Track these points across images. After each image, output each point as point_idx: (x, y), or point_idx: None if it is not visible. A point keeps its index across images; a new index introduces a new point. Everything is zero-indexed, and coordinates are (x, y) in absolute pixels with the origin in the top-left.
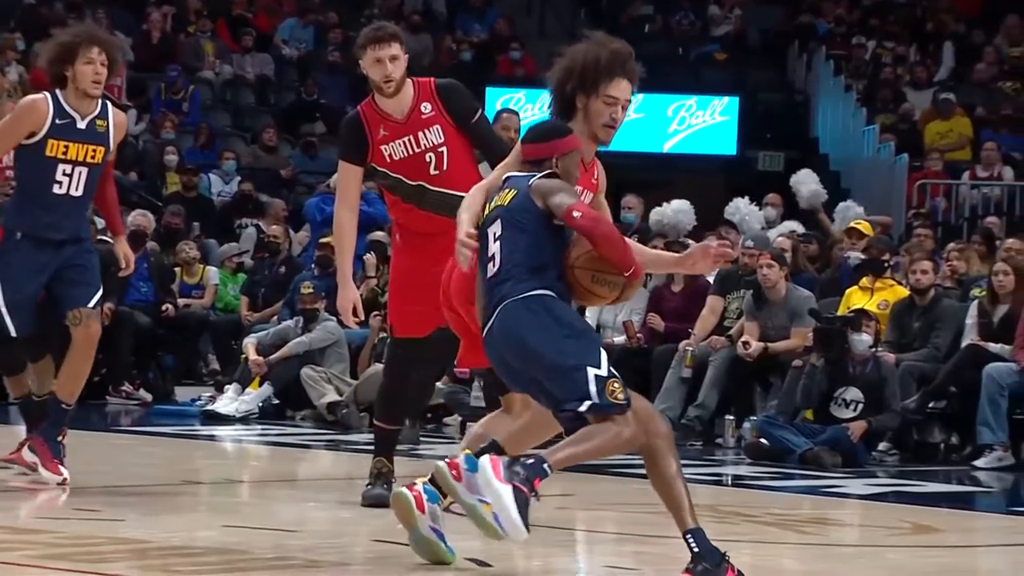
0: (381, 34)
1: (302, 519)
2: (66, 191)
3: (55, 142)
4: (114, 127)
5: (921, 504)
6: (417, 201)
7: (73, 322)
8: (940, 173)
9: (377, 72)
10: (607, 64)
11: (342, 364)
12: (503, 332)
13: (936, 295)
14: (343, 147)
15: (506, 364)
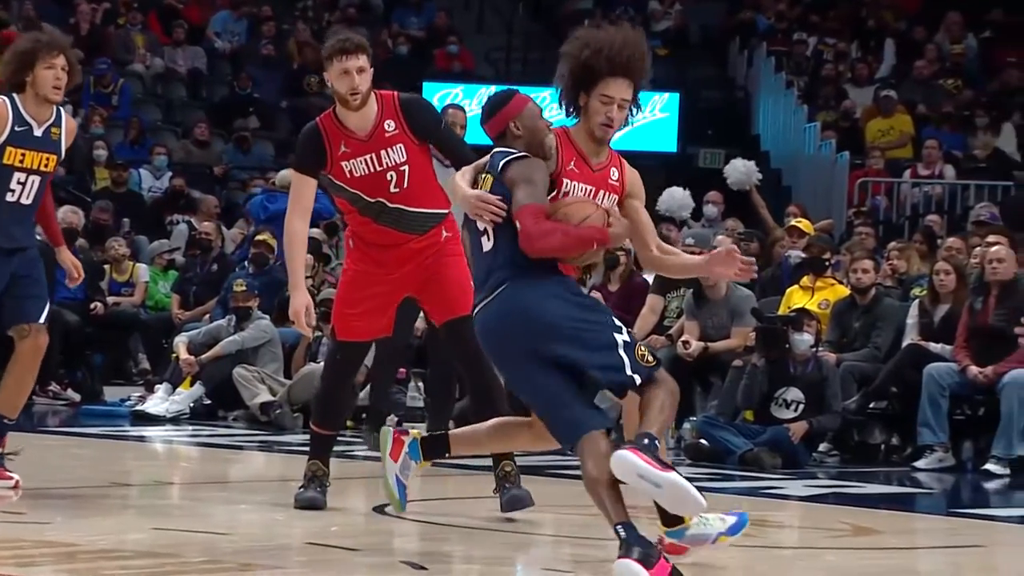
0: (348, 45)
1: (234, 521)
2: (17, 199)
3: (13, 150)
4: (66, 134)
5: (861, 505)
6: (374, 216)
7: (21, 335)
8: (881, 171)
9: (344, 84)
10: (602, 62)
11: (275, 363)
12: (510, 312)
13: (877, 294)
14: (300, 159)
15: (502, 344)
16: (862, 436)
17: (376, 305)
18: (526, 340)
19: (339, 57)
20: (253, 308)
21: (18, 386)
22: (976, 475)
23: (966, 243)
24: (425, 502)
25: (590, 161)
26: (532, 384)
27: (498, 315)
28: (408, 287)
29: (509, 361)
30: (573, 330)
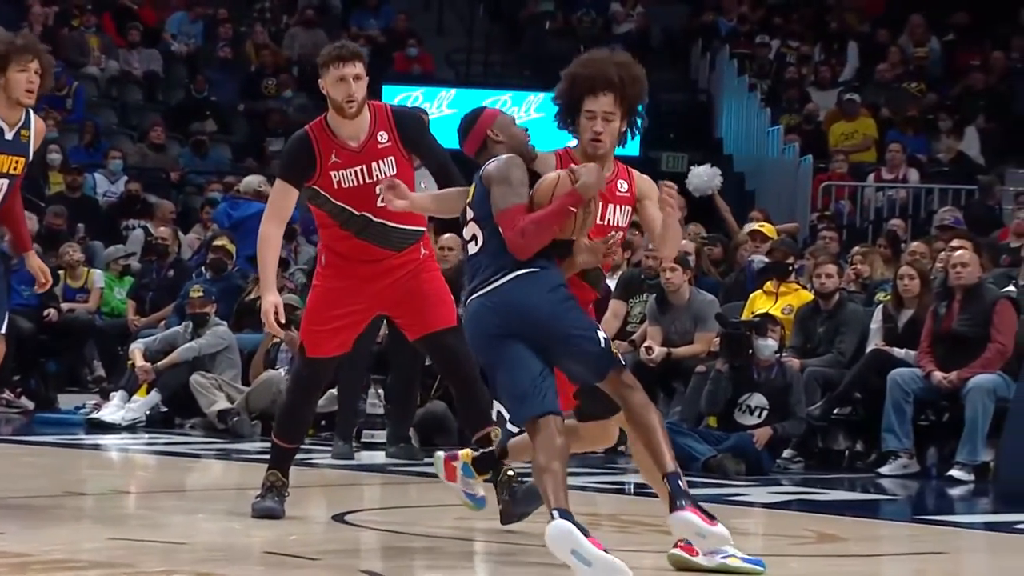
0: (344, 52)
1: (191, 531)
2: None
3: None
4: (35, 135)
5: (825, 512)
6: (356, 230)
7: None
8: (845, 175)
9: (340, 91)
10: (583, 80)
11: (233, 370)
12: (507, 302)
13: (841, 299)
14: (286, 167)
15: (490, 329)
16: (826, 442)
17: (348, 323)
18: (516, 329)
19: (336, 64)
20: (210, 314)
21: None
22: (940, 481)
23: (930, 247)
24: (386, 510)
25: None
26: (505, 365)
27: (494, 305)
28: (383, 305)
29: (492, 346)
30: (563, 324)
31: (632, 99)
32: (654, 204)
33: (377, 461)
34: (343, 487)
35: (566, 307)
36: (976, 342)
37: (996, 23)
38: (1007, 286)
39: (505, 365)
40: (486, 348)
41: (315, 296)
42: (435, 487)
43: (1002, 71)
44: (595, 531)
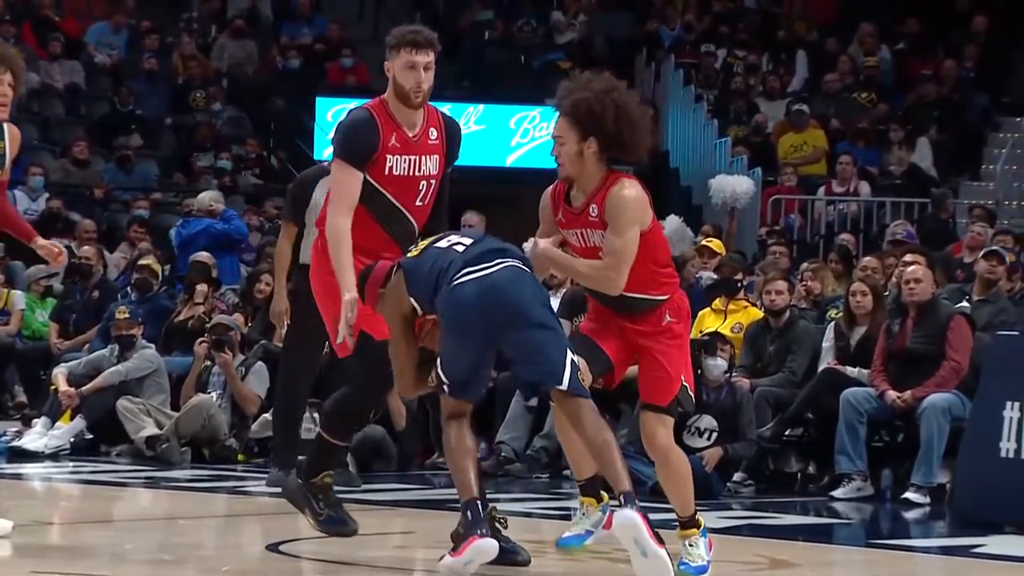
0: (420, 38)
1: (118, 563)
2: None
3: None
4: (9, 143)
5: (777, 537)
6: (387, 223)
7: None
8: (795, 188)
9: (410, 78)
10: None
11: (162, 395)
12: (504, 284)
13: (791, 317)
14: (351, 147)
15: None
16: (778, 465)
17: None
18: (498, 315)
19: (409, 49)
20: (137, 336)
21: None
22: (896, 504)
23: (882, 263)
24: (323, 540)
25: (574, 206)
26: (464, 348)
27: (483, 287)
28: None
29: (468, 327)
30: (540, 326)
31: (582, 126)
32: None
33: None
34: (278, 516)
35: (549, 306)
36: (931, 360)
37: (948, 31)
38: (961, 302)
39: (461, 350)
40: (459, 331)
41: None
42: (374, 514)
43: (954, 81)
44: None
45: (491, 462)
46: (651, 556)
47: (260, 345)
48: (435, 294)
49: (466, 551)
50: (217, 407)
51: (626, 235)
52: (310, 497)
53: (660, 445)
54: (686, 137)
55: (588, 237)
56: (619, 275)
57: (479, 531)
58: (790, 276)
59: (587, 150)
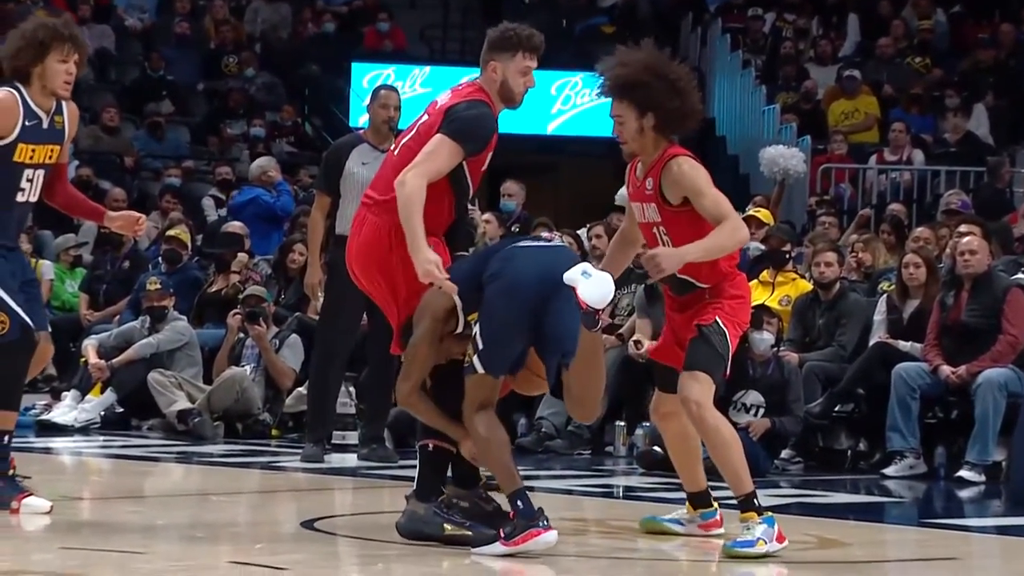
0: (539, 43)
1: (149, 540)
2: (27, 198)
3: (24, 146)
4: (69, 120)
5: (827, 516)
6: (462, 209)
7: (35, 339)
8: (845, 157)
9: (521, 83)
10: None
11: (194, 368)
12: (564, 253)
13: (841, 289)
14: (474, 137)
15: (541, 279)
16: (827, 442)
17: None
18: (553, 281)
19: (528, 54)
20: (168, 308)
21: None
22: (949, 483)
23: (936, 233)
24: (358, 517)
25: (637, 177)
26: (512, 309)
27: (544, 252)
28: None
29: (523, 287)
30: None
31: (639, 101)
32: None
33: (348, 464)
34: (313, 492)
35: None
36: (986, 334)
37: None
38: (1017, 273)
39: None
40: (505, 297)
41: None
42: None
43: (1012, 45)
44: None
45: (531, 438)
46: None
47: (295, 317)
48: (484, 266)
49: (528, 543)
50: (250, 380)
51: (710, 193)
52: (443, 511)
53: (690, 400)
54: (733, 104)
55: (644, 211)
56: (738, 225)
57: (541, 523)
58: (840, 247)
59: (646, 124)
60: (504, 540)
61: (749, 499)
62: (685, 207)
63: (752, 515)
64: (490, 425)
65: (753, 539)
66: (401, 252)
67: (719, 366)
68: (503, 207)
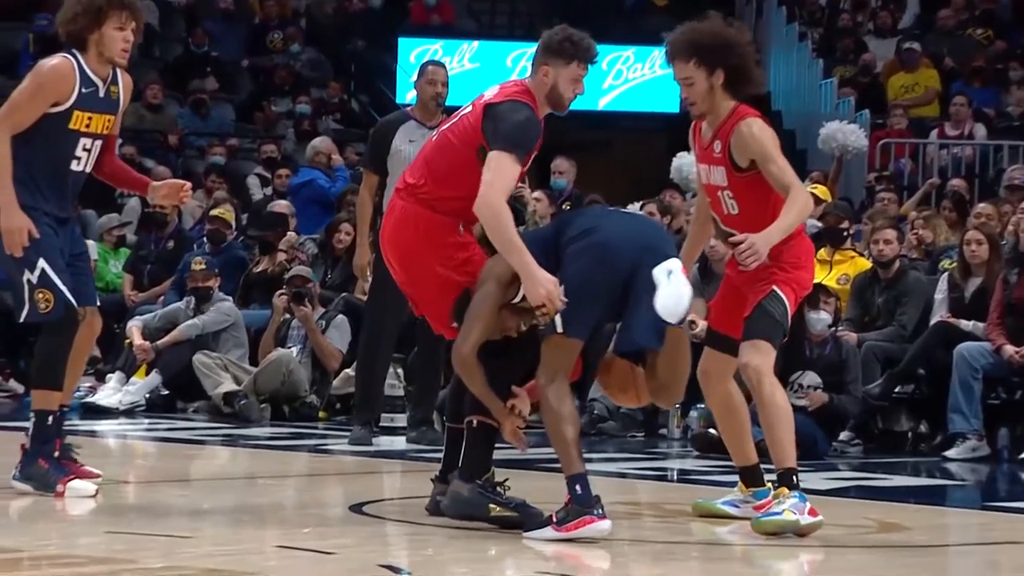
0: (595, 55)
1: (196, 523)
2: (82, 167)
3: (80, 114)
4: (124, 91)
5: (887, 500)
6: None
7: (78, 318)
8: (905, 131)
9: (571, 91)
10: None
11: (240, 350)
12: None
13: (901, 267)
14: (527, 145)
15: (637, 239)
16: (887, 423)
17: None
18: (648, 242)
19: (582, 64)
20: (214, 288)
21: (73, 372)
22: (1013, 465)
23: (999, 209)
24: (407, 500)
25: (703, 139)
26: (604, 271)
27: (633, 216)
28: None
29: (618, 249)
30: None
31: (708, 60)
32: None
33: (397, 447)
34: (361, 475)
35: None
36: None
37: None
38: None
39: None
40: (610, 264)
41: (474, 253)
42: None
43: None
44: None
45: (583, 420)
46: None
47: (341, 298)
48: (562, 231)
49: (581, 530)
50: (297, 362)
51: (778, 159)
52: (489, 491)
53: (750, 367)
54: (789, 78)
55: (710, 174)
56: (806, 197)
57: (596, 511)
58: (899, 224)
59: (716, 83)
60: (556, 525)
61: (788, 475)
62: (752, 170)
63: (784, 490)
64: (563, 396)
65: (780, 510)
66: (430, 240)
67: (778, 334)
68: (553, 184)
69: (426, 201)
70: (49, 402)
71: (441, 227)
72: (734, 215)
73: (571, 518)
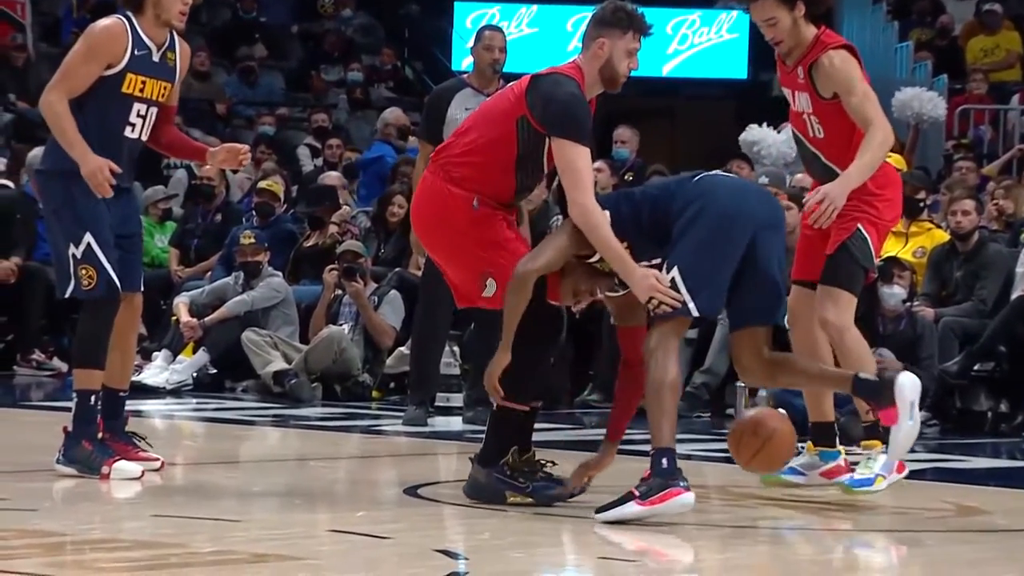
0: (648, 27)
1: (245, 507)
2: (137, 135)
3: (134, 76)
4: (181, 59)
5: (965, 482)
6: (526, 184)
7: (120, 298)
8: (985, 97)
9: (626, 65)
10: None
11: (290, 327)
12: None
13: (980, 240)
14: (581, 128)
15: (756, 208)
16: (965, 403)
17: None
18: (766, 209)
19: (638, 36)
20: (263, 263)
21: (125, 354)
22: None
23: None
24: (461, 483)
25: (787, 65)
26: (727, 242)
27: (749, 194)
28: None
29: (737, 217)
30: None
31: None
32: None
33: (453, 428)
34: (415, 457)
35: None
36: None
37: None
38: None
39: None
40: (725, 229)
41: (493, 229)
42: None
43: None
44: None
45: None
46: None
47: (395, 273)
48: (665, 204)
49: (667, 503)
50: (349, 340)
51: (859, 91)
52: (505, 477)
53: (830, 324)
54: (863, 41)
55: (796, 98)
56: (884, 129)
57: (681, 482)
58: (979, 195)
59: (798, 15)
60: (640, 500)
61: (876, 425)
62: (836, 99)
63: (876, 443)
64: (668, 365)
65: (871, 476)
66: (446, 214)
67: (859, 279)
68: (615, 155)
69: (448, 172)
70: (91, 382)
71: (456, 202)
72: (820, 138)
73: (655, 491)
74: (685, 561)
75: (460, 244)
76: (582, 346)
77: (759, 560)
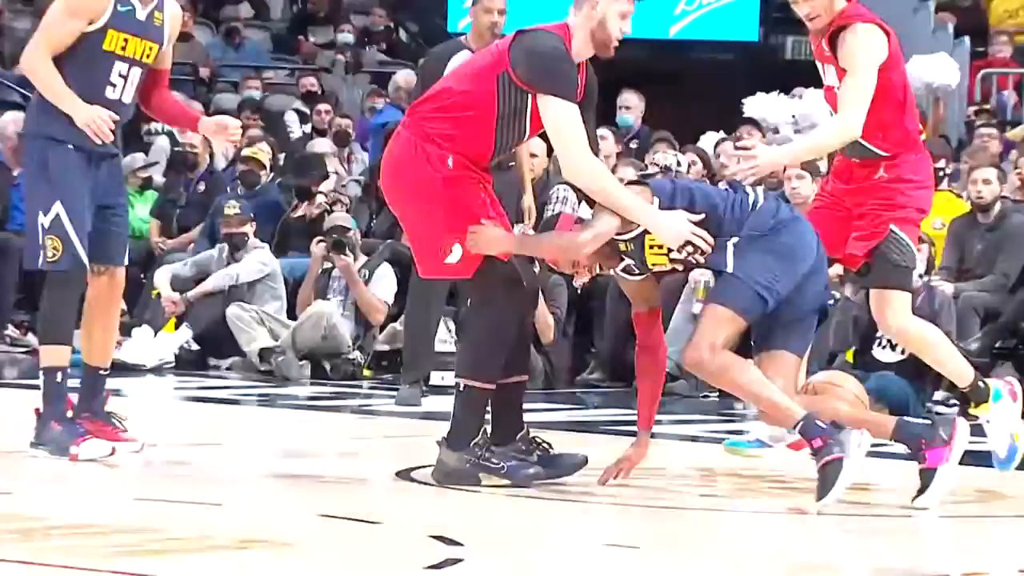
0: None
1: (230, 490)
2: (119, 96)
3: (115, 34)
4: (169, 21)
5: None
6: (502, 146)
7: (97, 272)
8: (1009, 61)
9: (619, 27)
10: None
11: (277, 302)
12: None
13: (1003, 211)
14: (571, 84)
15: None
16: None
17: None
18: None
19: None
20: (248, 235)
21: (106, 331)
22: None
23: None
24: None
25: (816, 38)
26: (790, 272)
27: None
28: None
29: (803, 258)
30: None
31: None
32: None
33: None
34: (409, 439)
35: None
36: None
37: None
38: None
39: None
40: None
41: (466, 191)
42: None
43: None
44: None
45: None
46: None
47: (387, 245)
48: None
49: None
50: (339, 315)
51: (857, 74)
52: (477, 460)
53: (890, 329)
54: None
55: (825, 72)
56: (849, 120)
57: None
58: (1002, 164)
59: None
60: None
61: (976, 387)
62: None
63: (986, 407)
64: (732, 365)
65: (1015, 445)
66: (417, 171)
67: (908, 276)
68: (620, 121)
69: (423, 128)
70: (57, 358)
71: (430, 160)
72: None
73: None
74: (689, 549)
75: (428, 205)
76: (583, 323)
77: (773, 547)
